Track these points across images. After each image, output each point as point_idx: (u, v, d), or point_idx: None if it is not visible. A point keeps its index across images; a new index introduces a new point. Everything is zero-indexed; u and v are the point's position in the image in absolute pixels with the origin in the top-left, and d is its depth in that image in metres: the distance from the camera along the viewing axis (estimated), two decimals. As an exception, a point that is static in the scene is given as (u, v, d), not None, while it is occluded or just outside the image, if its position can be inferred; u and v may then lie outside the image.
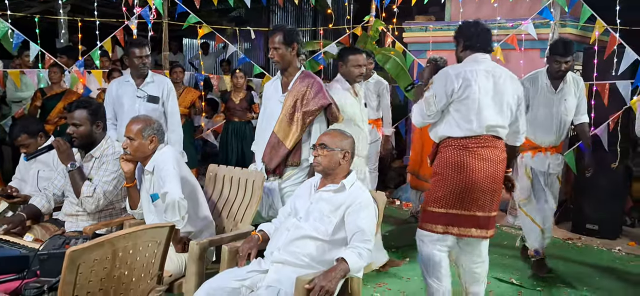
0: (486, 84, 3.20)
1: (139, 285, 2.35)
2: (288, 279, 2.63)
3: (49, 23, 8.08)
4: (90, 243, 2.07)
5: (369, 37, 7.04)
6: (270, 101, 3.79)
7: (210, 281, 2.75)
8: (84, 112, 3.33)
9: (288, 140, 3.63)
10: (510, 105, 3.26)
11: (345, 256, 2.60)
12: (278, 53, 3.60)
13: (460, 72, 3.22)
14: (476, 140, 3.18)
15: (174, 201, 2.96)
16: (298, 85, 3.65)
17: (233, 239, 3.14)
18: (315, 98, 3.61)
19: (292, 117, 3.63)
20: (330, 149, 2.84)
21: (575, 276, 4.68)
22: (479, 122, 3.16)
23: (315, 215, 2.81)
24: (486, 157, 3.18)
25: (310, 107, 3.60)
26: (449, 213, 3.22)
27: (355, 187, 2.86)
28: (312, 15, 11.55)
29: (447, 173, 3.21)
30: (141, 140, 3.11)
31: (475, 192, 3.18)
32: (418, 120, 3.42)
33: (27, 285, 2.30)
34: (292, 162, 3.67)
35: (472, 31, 3.37)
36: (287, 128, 3.63)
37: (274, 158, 3.64)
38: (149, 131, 3.12)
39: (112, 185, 3.36)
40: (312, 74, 3.75)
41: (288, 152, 3.63)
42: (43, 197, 3.55)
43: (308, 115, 3.61)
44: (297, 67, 3.71)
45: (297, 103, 3.62)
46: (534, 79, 4.50)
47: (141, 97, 4.58)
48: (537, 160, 4.57)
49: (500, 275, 4.66)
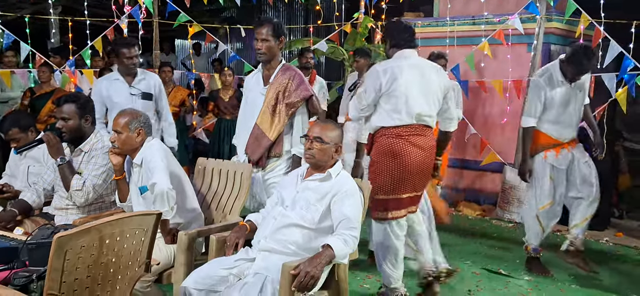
0: (412, 77, 3.47)
1: (127, 273, 2.38)
2: (275, 266, 2.67)
3: (40, 24, 8.09)
4: (77, 230, 2.10)
5: (359, 34, 7.10)
6: (251, 93, 3.83)
7: (198, 270, 2.79)
8: (72, 106, 3.36)
9: (270, 132, 3.67)
10: (436, 95, 3.55)
11: (331, 242, 2.64)
12: (266, 45, 3.63)
13: (387, 68, 3.51)
14: (407, 128, 3.48)
15: (162, 191, 3.00)
16: (280, 78, 3.69)
17: (221, 230, 3.18)
18: (297, 91, 3.65)
19: (274, 109, 3.67)
20: (325, 143, 2.88)
21: (563, 266, 4.73)
22: (408, 112, 3.46)
23: (302, 204, 2.85)
24: (417, 144, 3.49)
25: (292, 99, 3.64)
26: (393, 199, 3.52)
27: (341, 176, 2.90)
28: (303, 13, 11.61)
29: (383, 160, 3.51)
30: (128, 133, 3.14)
31: (410, 175, 3.50)
32: (354, 114, 3.73)
33: (16, 275, 2.33)
34: (274, 153, 3.72)
35: (397, 30, 3.65)
36: (270, 120, 3.68)
37: (257, 149, 3.69)
38: (135, 124, 3.16)
39: (101, 178, 3.39)
40: (293, 67, 3.79)
41: (271, 143, 3.68)
42: (33, 192, 3.57)
43: (290, 107, 3.66)
44: (279, 60, 3.76)
45: (279, 95, 3.66)
46: (549, 77, 4.37)
47: (135, 95, 4.58)
48: (560, 158, 4.45)
49: (489, 265, 4.72)
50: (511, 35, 6.30)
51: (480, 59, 6.53)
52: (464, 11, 6.82)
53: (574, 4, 5.81)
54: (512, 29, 6.24)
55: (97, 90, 4.72)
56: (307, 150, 2.90)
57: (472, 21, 6.67)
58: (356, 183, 2.96)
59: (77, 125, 3.38)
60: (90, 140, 3.45)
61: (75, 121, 3.37)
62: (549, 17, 6.17)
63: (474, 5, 6.70)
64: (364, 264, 4.56)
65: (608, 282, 4.46)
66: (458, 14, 6.78)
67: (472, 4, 6.71)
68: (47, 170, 3.62)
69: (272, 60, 3.71)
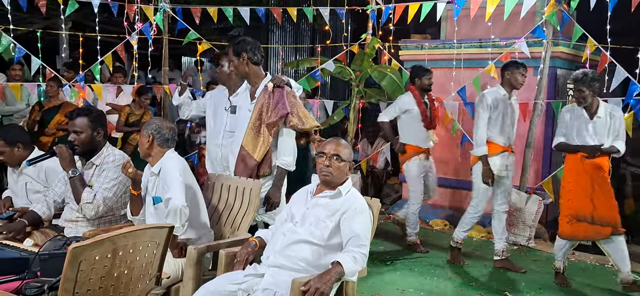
0: None
1: (138, 285, 2.40)
2: (284, 283, 2.68)
3: (51, 39, 8.19)
4: (92, 241, 2.12)
5: (366, 55, 7.15)
6: (241, 110, 3.90)
7: (207, 284, 2.80)
8: (84, 119, 3.40)
9: (256, 153, 3.72)
10: None
11: (341, 259, 2.65)
12: (233, 65, 3.81)
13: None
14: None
15: (176, 208, 3.03)
16: (262, 95, 3.77)
17: (230, 245, 3.19)
18: (275, 110, 3.71)
19: (258, 129, 3.74)
20: (343, 161, 2.90)
21: (568, 290, 4.72)
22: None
23: (311, 220, 2.87)
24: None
25: (271, 118, 3.71)
26: None
27: (351, 193, 2.92)
28: (310, 33, 11.71)
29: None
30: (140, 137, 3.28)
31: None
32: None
33: (28, 285, 2.36)
34: (263, 172, 3.76)
35: None
36: (255, 141, 3.73)
37: (245, 170, 3.73)
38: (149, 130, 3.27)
39: (112, 191, 3.42)
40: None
41: (257, 164, 3.72)
42: (43, 204, 3.60)
43: (271, 127, 3.71)
44: (260, 74, 3.83)
45: (262, 115, 3.73)
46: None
47: (227, 110, 4.16)
48: None
49: (494, 288, 4.71)
50: (518, 59, 6.33)
51: (487, 82, 6.57)
52: (470, 34, 6.88)
53: (581, 29, 5.87)
54: (518, 52, 6.28)
55: (206, 95, 4.57)
56: (325, 168, 2.90)
57: (479, 44, 6.73)
58: (366, 201, 2.97)
59: (90, 138, 3.42)
60: (101, 153, 3.48)
61: (87, 134, 3.41)
62: (556, 41, 6.21)
63: (480, 28, 6.76)
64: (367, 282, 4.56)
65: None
66: (465, 37, 6.84)
67: (479, 27, 6.77)
68: (58, 182, 3.65)
69: (249, 76, 3.82)
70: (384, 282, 4.69)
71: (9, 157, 3.85)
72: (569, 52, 6.48)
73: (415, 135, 5.65)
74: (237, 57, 3.75)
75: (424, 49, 7.12)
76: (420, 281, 4.80)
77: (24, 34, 7.31)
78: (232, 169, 3.85)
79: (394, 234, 6.39)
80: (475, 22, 6.64)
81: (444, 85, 6.89)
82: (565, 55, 6.51)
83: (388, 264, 5.24)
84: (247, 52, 3.75)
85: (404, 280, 4.79)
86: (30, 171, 3.84)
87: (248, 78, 3.83)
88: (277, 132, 3.75)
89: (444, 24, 7.21)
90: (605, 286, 4.84)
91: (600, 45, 5.75)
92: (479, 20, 6.54)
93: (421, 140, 5.67)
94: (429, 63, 7.05)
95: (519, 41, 6.26)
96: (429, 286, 4.68)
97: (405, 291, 4.54)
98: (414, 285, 4.68)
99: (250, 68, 3.79)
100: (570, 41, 6.16)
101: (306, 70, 7.91)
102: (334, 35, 8.04)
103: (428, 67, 5.91)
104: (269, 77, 3.84)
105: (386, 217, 7.13)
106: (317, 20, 8.23)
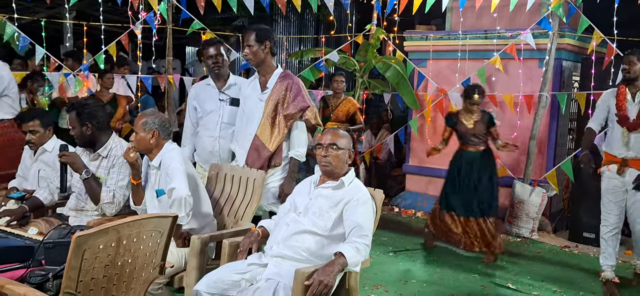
0: None
1: (142, 274, 2.40)
2: (287, 272, 2.69)
3: (55, 28, 8.17)
4: (96, 229, 2.12)
5: (370, 46, 7.13)
6: (249, 99, 3.87)
7: (210, 274, 2.80)
8: (72, 114, 3.43)
9: (270, 143, 3.71)
10: None
11: (343, 250, 2.65)
12: (251, 51, 3.70)
13: None
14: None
15: (180, 197, 3.03)
16: (278, 87, 3.73)
17: (233, 235, 3.20)
18: (294, 102, 3.69)
19: (274, 120, 3.72)
20: (340, 149, 2.90)
21: (571, 281, 4.73)
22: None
23: (314, 210, 2.87)
24: None
25: (290, 110, 3.69)
26: None
27: (353, 184, 2.92)
28: (314, 24, 11.67)
29: None
30: (142, 133, 3.21)
31: None
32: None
33: (32, 273, 2.37)
34: (275, 162, 3.76)
35: None
36: (269, 131, 3.72)
37: (257, 160, 3.72)
38: (150, 125, 3.23)
39: (129, 188, 3.43)
40: (291, 75, 3.83)
41: (271, 154, 3.72)
42: (46, 190, 3.61)
43: (288, 119, 3.70)
44: (273, 65, 3.80)
45: (278, 106, 3.71)
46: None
47: (223, 101, 4.11)
48: None
49: (497, 279, 4.72)
50: (523, 50, 6.32)
51: (492, 73, 6.55)
52: (476, 25, 6.84)
53: (587, 20, 5.83)
54: (524, 43, 6.25)
55: (189, 96, 4.39)
56: (323, 158, 2.90)
57: (484, 35, 6.69)
58: (369, 191, 2.97)
59: (80, 132, 3.42)
60: (107, 145, 3.48)
61: (77, 129, 3.42)
62: (562, 33, 6.18)
63: (486, 19, 6.72)
64: (372, 274, 4.58)
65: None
66: (470, 28, 6.81)
67: (485, 18, 6.73)
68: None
69: (263, 65, 3.76)
70: (386, 273, 4.70)
71: (39, 138, 3.83)
72: (575, 44, 6.44)
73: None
74: (258, 44, 3.68)
75: (429, 39, 7.09)
76: (423, 273, 4.81)
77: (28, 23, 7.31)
78: (227, 160, 3.85)
79: (397, 225, 6.40)
80: (481, 13, 6.60)
81: (449, 76, 6.87)
82: (571, 47, 6.47)
83: (391, 255, 5.25)
84: (270, 40, 3.73)
85: (406, 271, 4.80)
86: (46, 158, 3.86)
87: (262, 67, 3.78)
88: (292, 124, 3.75)
89: (449, 15, 7.18)
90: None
91: (606, 37, 5.71)
92: (484, 11, 6.51)
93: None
94: (433, 54, 7.04)
95: (524, 32, 6.23)
96: (432, 278, 4.69)
97: (408, 282, 4.54)
98: (416, 276, 4.69)
99: (267, 58, 3.76)
100: (576, 33, 6.12)
101: (310, 61, 7.90)
102: (338, 26, 8.03)
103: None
104: (280, 70, 3.82)
105: (389, 209, 7.14)
106: (321, 10, 8.20)
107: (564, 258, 5.47)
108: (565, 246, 5.84)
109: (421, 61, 7.18)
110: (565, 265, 5.23)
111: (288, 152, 3.79)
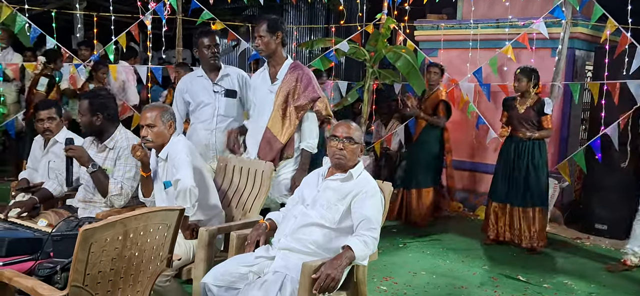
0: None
1: (149, 267, 2.40)
2: (294, 265, 2.68)
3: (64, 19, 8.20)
4: (103, 223, 2.13)
5: (381, 35, 7.07)
6: (259, 91, 3.85)
7: (218, 266, 2.81)
8: (85, 102, 3.43)
9: (282, 135, 3.70)
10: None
11: (351, 244, 2.64)
12: (263, 41, 3.69)
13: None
14: None
15: (185, 188, 3.03)
16: (288, 78, 3.71)
17: (241, 227, 3.20)
18: (305, 92, 3.68)
19: (284, 111, 3.71)
20: (355, 143, 2.89)
21: (582, 273, 4.68)
22: None
23: (323, 203, 2.85)
24: None
25: (301, 101, 3.67)
26: None
27: (362, 176, 2.90)
28: (324, 13, 11.60)
29: None
30: (160, 126, 3.19)
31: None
32: None
33: (41, 265, 2.38)
34: (287, 154, 3.76)
35: None
36: (280, 123, 3.71)
37: (269, 153, 3.72)
38: (167, 116, 3.23)
39: (136, 179, 3.44)
40: (301, 65, 3.81)
41: (282, 146, 3.71)
42: (55, 181, 3.63)
43: (299, 110, 3.69)
44: (283, 56, 3.77)
45: (288, 98, 3.69)
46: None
47: (218, 92, 4.07)
48: None
49: (507, 271, 4.69)
50: (535, 39, 6.23)
51: (504, 63, 6.47)
52: (488, 14, 6.76)
53: (601, 9, 5.72)
54: (536, 33, 6.16)
55: (178, 89, 4.24)
56: (339, 151, 2.87)
57: (496, 24, 6.61)
58: (377, 184, 2.95)
59: (89, 121, 3.42)
60: (114, 137, 3.48)
61: (87, 117, 3.42)
62: (575, 21, 6.08)
63: (498, 8, 6.63)
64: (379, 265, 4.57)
65: (628, 290, 4.39)
66: (482, 17, 6.72)
67: (497, 7, 6.64)
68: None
69: (274, 55, 3.74)
70: (395, 265, 4.69)
71: (55, 127, 3.84)
72: (588, 32, 6.34)
73: None
74: (270, 34, 3.67)
75: (440, 29, 7.01)
76: (432, 264, 4.79)
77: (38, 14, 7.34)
78: (222, 153, 3.87)
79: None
80: (493, 1, 6.53)
81: (460, 66, 6.80)
82: (584, 36, 6.37)
83: (400, 246, 5.24)
84: (282, 31, 3.71)
85: (416, 263, 4.79)
86: (56, 149, 3.86)
87: (272, 57, 3.77)
88: (303, 116, 3.74)
89: (460, 4, 7.10)
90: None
91: (620, 25, 5.62)
92: (496, 0, 6.42)
93: None
94: (444, 44, 6.96)
95: (537, 21, 6.13)
96: (442, 269, 4.66)
97: (417, 274, 4.53)
98: (425, 268, 4.67)
99: (278, 48, 3.74)
100: (590, 21, 6.02)
101: (320, 51, 7.84)
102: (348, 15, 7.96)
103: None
104: (290, 60, 3.79)
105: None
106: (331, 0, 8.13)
107: (575, 250, 5.42)
108: (577, 238, 5.79)
109: (432, 51, 7.11)
110: (576, 257, 5.18)
111: (299, 143, 3.77)
